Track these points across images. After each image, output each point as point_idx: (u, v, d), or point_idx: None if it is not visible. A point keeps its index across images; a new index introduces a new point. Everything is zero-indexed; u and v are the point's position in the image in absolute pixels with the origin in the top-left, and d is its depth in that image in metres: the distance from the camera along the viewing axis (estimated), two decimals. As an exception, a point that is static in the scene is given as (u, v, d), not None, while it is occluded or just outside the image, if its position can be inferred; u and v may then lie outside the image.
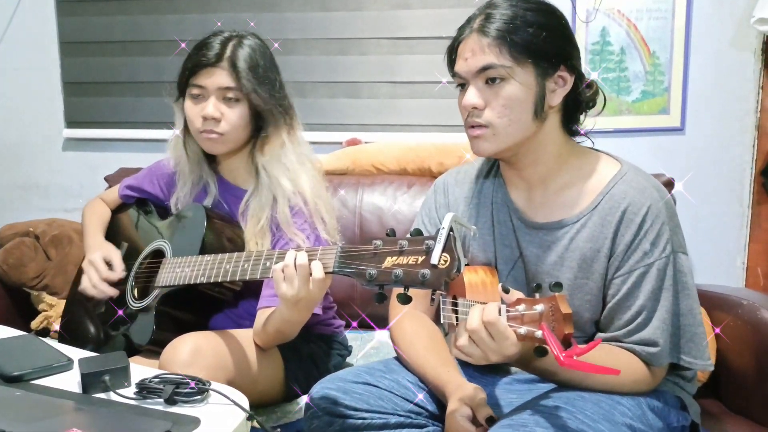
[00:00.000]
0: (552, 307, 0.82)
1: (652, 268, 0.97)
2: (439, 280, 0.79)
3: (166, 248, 1.29)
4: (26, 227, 1.83)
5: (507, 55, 0.96)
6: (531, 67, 0.96)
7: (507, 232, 1.08)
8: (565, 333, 0.80)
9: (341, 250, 0.92)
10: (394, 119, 2.06)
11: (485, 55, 0.97)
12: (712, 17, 1.88)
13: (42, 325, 1.76)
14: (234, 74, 1.21)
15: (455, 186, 1.17)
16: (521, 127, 0.99)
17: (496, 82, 0.97)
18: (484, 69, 0.97)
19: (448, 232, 0.80)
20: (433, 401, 1.04)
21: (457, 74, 1.02)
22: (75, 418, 0.83)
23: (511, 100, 0.97)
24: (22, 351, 1.02)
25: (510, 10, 0.97)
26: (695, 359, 1.00)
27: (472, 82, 0.99)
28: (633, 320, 0.97)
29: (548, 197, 1.05)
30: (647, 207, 0.97)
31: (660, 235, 0.97)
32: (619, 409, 0.93)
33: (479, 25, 0.98)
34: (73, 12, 2.18)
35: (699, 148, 1.92)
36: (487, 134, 0.99)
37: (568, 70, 1.00)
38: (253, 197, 1.28)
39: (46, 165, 2.27)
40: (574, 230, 1.02)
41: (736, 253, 1.94)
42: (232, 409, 0.86)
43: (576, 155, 1.05)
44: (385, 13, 2.02)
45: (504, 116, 0.98)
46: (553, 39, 0.98)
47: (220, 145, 1.26)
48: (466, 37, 1.00)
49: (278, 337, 1.16)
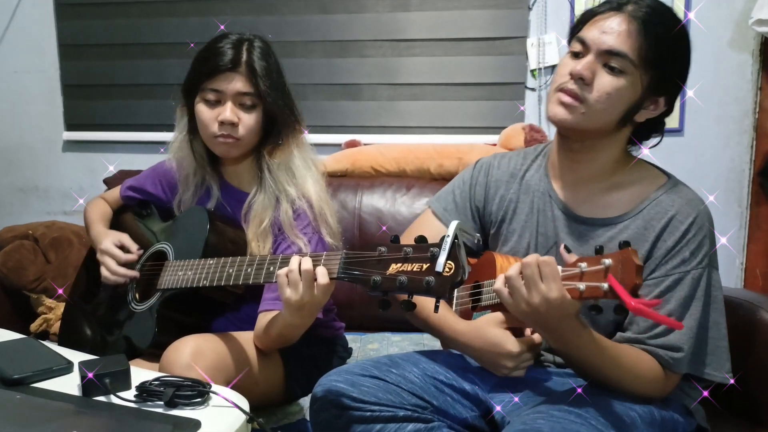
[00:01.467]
0: (623, 259, 0.81)
1: (688, 276, 0.98)
2: (444, 288, 0.80)
3: (168, 251, 1.29)
4: (26, 230, 1.83)
5: (640, 53, 0.96)
6: (648, 78, 0.98)
7: (545, 220, 1.10)
8: (636, 283, 0.80)
9: (346, 256, 0.93)
10: (393, 121, 2.07)
11: (620, 39, 0.96)
12: (711, 18, 1.88)
13: (41, 328, 1.76)
14: (252, 79, 1.21)
15: (498, 169, 1.18)
16: (606, 120, 1.00)
17: (614, 71, 0.98)
18: (615, 54, 0.96)
19: (453, 239, 0.81)
20: (438, 396, 1.04)
21: (584, 40, 0.99)
22: (75, 421, 0.83)
23: (617, 93, 0.98)
24: (22, 354, 1.01)
25: (659, 6, 0.99)
26: (715, 371, 1.01)
27: (594, 57, 0.98)
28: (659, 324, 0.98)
29: (594, 194, 1.06)
30: (693, 217, 1.00)
31: (701, 247, 0.99)
32: (630, 415, 0.93)
33: (632, 8, 0.97)
34: (73, 15, 2.18)
35: (697, 149, 1.93)
36: (577, 107, 0.99)
37: (667, 101, 1.03)
38: (255, 199, 1.28)
39: (45, 168, 2.28)
40: (616, 230, 1.03)
41: (735, 254, 1.95)
42: (233, 411, 0.86)
43: (628, 161, 1.08)
44: (384, 16, 2.03)
45: (602, 103, 0.98)
46: (681, 69, 1.01)
47: (236, 150, 1.26)
48: (612, 13, 0.98)
49: (280, 341, 1.16)
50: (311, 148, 1.34)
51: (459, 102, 2.03)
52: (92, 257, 1.39)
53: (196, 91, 1.25)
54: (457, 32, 1.99)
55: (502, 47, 1.99)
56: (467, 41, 1.99)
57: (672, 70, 1.00)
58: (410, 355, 1.11)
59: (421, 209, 1.75)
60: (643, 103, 1.01)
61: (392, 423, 0.99)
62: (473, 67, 2.01)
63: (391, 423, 0.99)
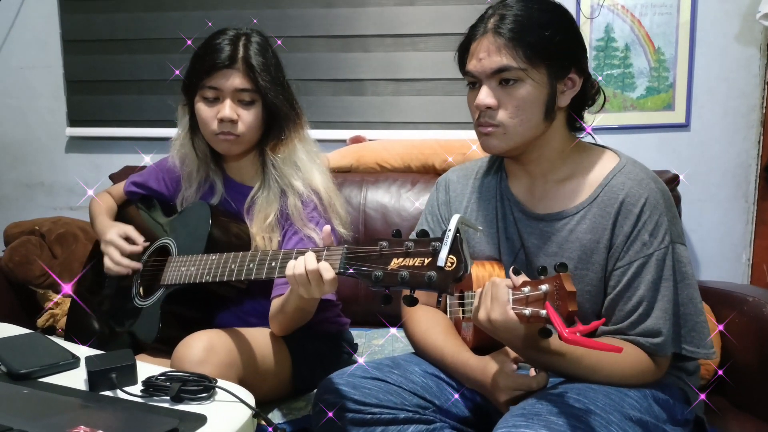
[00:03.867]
0: (557, 285, 0.82)
1: (652, 259, 0.98)
2: (446, 282, 0.79)
3: (172, 246, 1.29)
4: (32, 225, 1.84)
5: (522, 56, 0.96)
6: (544, 70, 0.98)
7: (509, 224, 1.10)
8: (570, 310, 0.81)
9: (347, 251, 0.92)
10: (397, 116, 2.06)
11: (500, 57, 0.97)
12: (717, 12, 1.87)
13: (48, 323, 1.77)
14: (250, 75, 1.21)
15: (456, 183, 1.19)
16: (531, 126, 1.00)
17: (510, 84, 0.98)
18: (500, 71, 0.98)
19: (455, 233, 0.80)
20: (440, 396, 1.04)
21: (470, 73, 1.02)
22: (82, 415, 0.83)
23: (524, 101, 0.98)
24: (29, 349, 1.02)
25: (524, 10, 0.98)
26: (698, 348, 1.01)
27: (486, 82, 1.00)
28: (634, 311, 0.98)
29: (548, 189, 1.06)
30: (645, 198, 0.99)
31: (658, 226, 0.98)
32: (627, 401, 0.93)
33: (494, 25, 0.99)
34: (76, 9, 2.18)
35: (704, 144, 1.91)
36: (497, 133, 1.01)
37: (578, 73, 1.01)
38: (259, 193, 1.28)
39: (50, 163, 2.28)
40: (574, 222, 1.03)
41: (741, 249, 1.94)
42: (239, 406, 0.86)
43: (578, 150, 1.07)
44: (388, 10, 2.02)
45: (516, 117, 0.99)
46: (566, 42, 1.00)
47: (237, 147, 1.26)
48: (481, 37, 1.00)
49: (298, 315, 1.15)
50: (315, 142, 1.34)
51: (463, 97, 2.01)
52: (98, 252, 1.39)
53: (196, 89, 1.25)
54: (462, 27, 1.94)
55: (507, 42, 1.98)
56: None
57: (562, 47, 0.99)
58: (412, 356, 1.12)
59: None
60: (555, 92, 1.00)
61: (393, 425, 0.99)
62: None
63: (392, 425, 0.99)
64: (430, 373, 1.07)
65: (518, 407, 0.90)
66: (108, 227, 1.36)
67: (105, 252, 1.32)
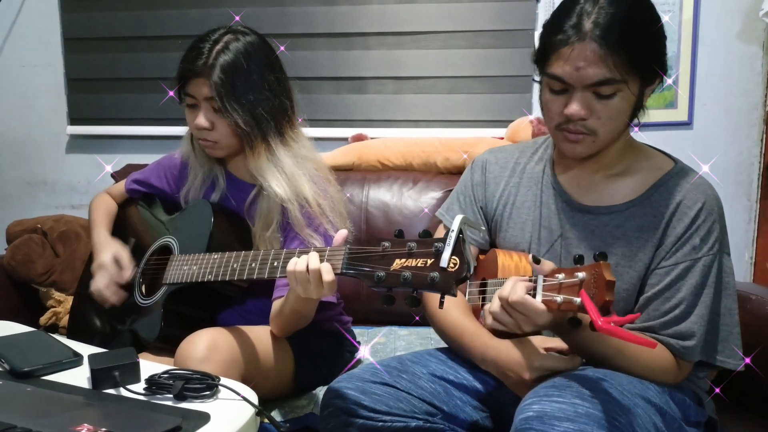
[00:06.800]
0: (595, 274, 0.81)
1: (699, 263, 0.97)
2: (448, 283, 0.79)
3: (173, 245, 1.29)
4: (34, 224, 1.84)
5: (621, 67, 0.91)
6: (638, 79, 0.95)
7: (549, 213, 1.08)
8: (606, 300, 0.79)
9: (349, 252, 0.92)
10: (399, 115, 2.06)
11: (602, 69, 0.91)
12: (720, 10, 1.86)
13: (50, 321, 1.77)
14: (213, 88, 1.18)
15: (495, 164, 1.16)
16: (619, 132, 1.00)
17: (606, 96, 0.94)
18: (601, 84, 0.92)
19: (458, 234, 0.80)
20: (448, 401, 1.04)
21: (561, 79, 0.94)
22: (85, 413, 0.83)
23: (617, 110, 0.95)
24: (32, 347, 1.02)
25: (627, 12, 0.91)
26: (728, 359, 1.01)
27: (581, 91, 0.94)
28: (671, 311, 0.97)
29: (598, 182, 1.05)
30: (702, 203, 0.98)
31: (710, 233, 0.98)
32: (648, 392, 0.93)
33: (598, 31, 0.90)
34: (77, 8, 2.18)
35: (706, 142, 1.91)
36: (587, 141, 0.98)
37: (663, 73, 0.99)
38: (260, 197, 1.27)
39: (52, 162, 2.28)
40: (623, 218, 1.02)
41: (744, 248, 1.94)
42: (242, 404, 0.86)
43: (632, 148, 1.06)
44: (390, 8, 2.02)
45: (607, 125, 0.97)
46: (660, 48, 0.97)
47: (219, 151, 1.27)
48: (578, 41, 0.91)
49: (295, 318, 1.16)
50: (308, 143, 1.31)
51: (465, 95, 2.02)
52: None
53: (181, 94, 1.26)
54: (464, 24, 1.98)
55: (509, 39, 1.97)
56: (474, 33, 1.98)
57: (654, 54, 0.96)
58: (420, 356, 1.11)
59: (428, 203, 1.76)
60: (643, 96, 0.99)
61: None
62: (480, 59, 2.00)
63: None
64: (437, 376, 1.06)
65: (547, 382, 0.90)
66: (104, 246, 1.35)
67: (94, 275, 1.32)
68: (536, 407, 0.83)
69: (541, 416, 0.82)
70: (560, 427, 0.80)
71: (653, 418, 0.89)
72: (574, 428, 0.80)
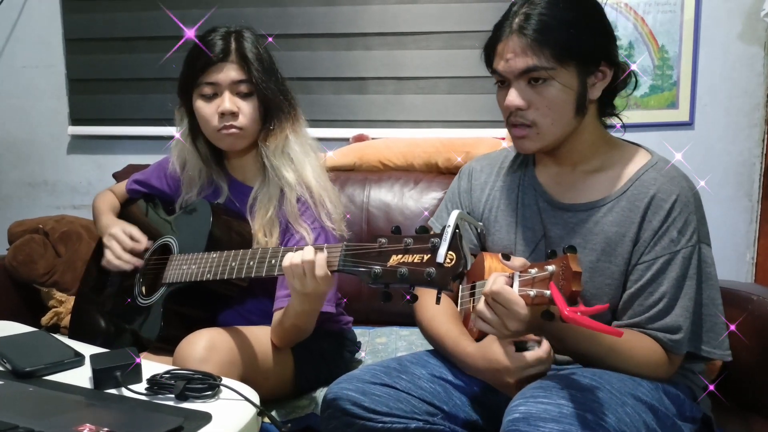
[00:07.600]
0: (563, 266, 0.82)
1: (678, 256, 0.98)
2: (445, 279, 0.79)
3: (173, 244, 1.29)
4: (35, 224, 1.84)
5: (549, 56, 0.95)
6: (573, 67, 0.97)
7: (531, 214, 1.10)
8: (573, 290, 0.80)
9: (346, 248, 0.92)
10: (400, 115, 2.06)
11: (527, 57, 0.96)
12: (721, 10, 1.86)
13: (52, 321, 1.77)
14: (245, 66, 1.22)
15: (480, 172, 1.19)
16: (564, 124, 1.00)
17: (539, 83, 0.97)
18: (528, 71, 0.97)
19: (454, 230, 0.79)
20: (448, 401, 1.04)
21: (498, 73, 1.01)
22: (87, 413, 0.84)
23: (555, 99, 0.98)
24: (34, 347, 1.02)
25: (549, 8, 0.96)
26: (714, 349, 1.01)
27: (515, 82, 0.99)
28: (654, 306, 0.98)
29: (576, 180, 1.06)
30: (676, 195, 0.99)
31: (687, 224, 0.98)
32: (640, 389, 0.94)
33: (518, 25, 0.97)
34: (78, 9, 2.18)
35: (707, 142, 1.91)
36: (531, 134, 1.01)
37: (608, 64, 1.00)
38: (260, 191, 1.28)
39: (53, 162, 2.28)
40: (601, 213, 1.03)
41: (745, 248, 1.94)
42: (243, 404, 0.87)
43: (609, 144, 1.07)
44: (390, 8, 2.02)
45: (548, 116, 0.99)
46: (594, 36, 0.98)
47: (241, 140, 1.26)
48: (506, 37, 0.98)
49: (294, 331, 1.17)
50: (311, 138, 1.34)
51: (466, 95, 2.02)
52: (101, 251, 1.39)
53: (192, 88, 1.25)
54: (465, 25, 1.98)
55: (510, 40, 1.97)
56: (474, 33, 1.97)
57: (590, 42, 0.98)
58: (419, 357, 1.11)
59: (429, 203, 1.76)
60: (586, 86, 0.99)
61: None
62: (481, 60, 1.99)
63: None
64: (436, 376, 1.06)
65: (535, 383, 0.90)
66: (112, 223, 1.36)
67: (107, 245, 1.32)
68: (522, 408, 0.84)
69: (527, 417, 0.82)
70: (545, 427, 0.81)
71: (644, 417, 0.89)
72: (559, 429, 0.80)
